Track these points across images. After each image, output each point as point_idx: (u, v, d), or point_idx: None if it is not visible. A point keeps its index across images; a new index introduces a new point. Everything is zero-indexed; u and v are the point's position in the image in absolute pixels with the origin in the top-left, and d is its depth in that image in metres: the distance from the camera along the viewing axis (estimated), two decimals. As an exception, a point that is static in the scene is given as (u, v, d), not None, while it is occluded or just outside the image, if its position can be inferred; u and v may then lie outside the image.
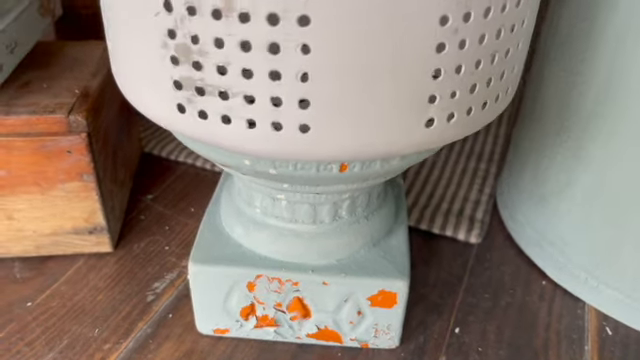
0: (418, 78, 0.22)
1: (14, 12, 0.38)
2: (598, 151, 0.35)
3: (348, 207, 0.33)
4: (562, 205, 0.39)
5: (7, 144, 0.36)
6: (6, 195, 0.38)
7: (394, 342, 0.35)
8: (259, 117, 0.23)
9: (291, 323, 0.34)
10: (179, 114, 0.24)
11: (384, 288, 0.32)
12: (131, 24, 0.24)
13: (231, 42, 0.21)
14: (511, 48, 0.25)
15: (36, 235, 0.40)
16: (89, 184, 0.38)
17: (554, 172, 0.39)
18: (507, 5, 0.23)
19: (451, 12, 0.21)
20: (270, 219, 0.33)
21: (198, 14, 0.21)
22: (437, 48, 0.22)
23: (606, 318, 0.38)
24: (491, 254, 0.43)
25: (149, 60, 0.24)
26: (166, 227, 0.45)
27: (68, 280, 0.39)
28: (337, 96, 0.22)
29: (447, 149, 0.56)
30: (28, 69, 0.40)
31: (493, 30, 0.23)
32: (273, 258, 0.33)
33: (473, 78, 0.24)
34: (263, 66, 0.21)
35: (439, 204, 0.48)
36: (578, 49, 0.35)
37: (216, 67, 0.22)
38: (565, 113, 0.37)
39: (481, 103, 0.25)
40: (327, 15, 0.20)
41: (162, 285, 0.39)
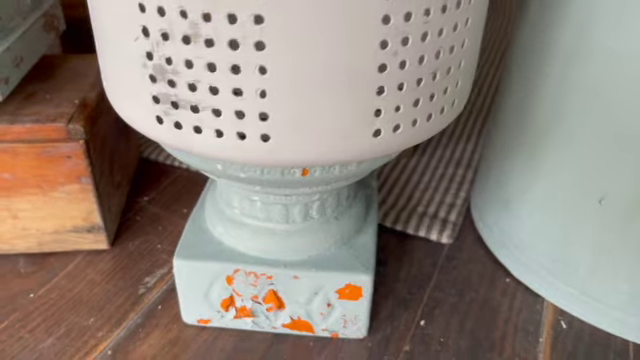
0: (364, 95, 0.26)
1: (20, 30, 0.42)
2: (550, 159, 0.38)
3: (318, 208, 0.36)
4: (522, 209, 0.42)
5: (12, 150, 0.40)
6: (11, 196, 0.42)
7: (362, 332, 0.38)
8: (226, 128, 0.26)
9: (267, 314, 0.38)
10: (158, 125, 0.28)
11: (350, 282, 0.36)
12: (116, 46, 0.27)
13: (199, 64, 0.25)
14: (452, 67, 0.28)
15: (39, 233, 0.44)
16: (87, 186, 0.42)
17: (514, 178, 0.42)
18: (444, 30, 0.26)
19: (390, 37, 0.25)
20: (247, 219, 0.36)
21: (171, 40, 0.24)
22: (379, 69, 0.25)
23: (562, 313, 0.41)
24: (461, 253, 0.46)
25: (131, 78, 0.27)
26: (159, 227, 0.48)
27: (67, 274, 0.43)
28: (292, 110, 0.25)
29: (428, 156, 0.59)
30: (33, 81, 0.44)
31: (432, 52, 0.26)
32: (250, 254, 0.36)
33: (415, 94, 0.27)
34: (227, 84, 0.25)
35: (415, 207, 0.51)
36: (532, 65, 0.38)
37: (187, 85, 0.25)
38: (522, 124, 0.40)
39: (426, 115, 0.28)
40: (280, 41, 0.23)
41: (153, 280, 0.43)
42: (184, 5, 0.23)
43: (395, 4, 0.24)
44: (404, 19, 0.24)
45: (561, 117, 0.37)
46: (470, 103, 0.70)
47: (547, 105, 0.37)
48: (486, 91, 0.73)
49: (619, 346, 0.38)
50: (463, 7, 0.27)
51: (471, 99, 0.71)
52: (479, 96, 0.72)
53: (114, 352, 0.37)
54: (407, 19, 0.25)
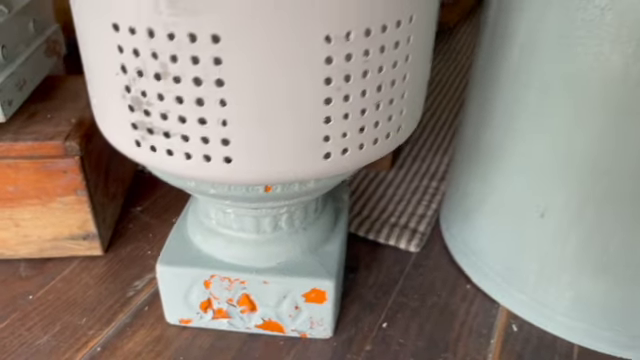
0: (313, 123, 0.29)
1: (24, 55, 0.46)
2: (499, 176, 0.42)
3: (287, 220, 0.40)
4: (479, 221, 0.45)
5: (15, 165, 0.44)
6: (14, 207, 0.46)
7: (327, 333, 0.42)
8: (193, 151, 0.30)
9: (241, 315, 0.41)
10: (137, 148, 0.32)
11: (315, 287, 0.39)
12: (100, 79, 0.31)
13: (169, 97, 0.29)
14: (395, 98, 0.32)
15: (39, 240, 0.48)
16: (82, 198, 0.46)
17: (472, 192, 0.45)
18: (384, 67, 0.30)
19: (333, 75, 0.28)
20: (223, 229, 0.40)
21: (145, 76, 0.28)
22: (325, 101, 0.29)
23: (514, 317, 0.44)
24: (427, 261, 0.50)
25: (114, 107, 0.31)
26: (150, 235, 0.52)
27: (64, 278, 0.47)
28: (250, 136, 0.29)
29: (405, 169, 0.63)
30: (35, 101, 0.48)
31: (373, 86, 0.30)
32: (225, 261, 0.40)
33: (360, 122, 0.31)
34: (193, 114, 0.29)
35: (388, 218, 0.55)
36: (484, 90, 0.42)
37: (160, 114, 0.29)
38: (478, 143, 0.43)
39: (372, 140, 0.32)
40: (237, 79, 0.27)
41: (142, 283, 0.47)
42: (155, 48, 0.27)
43: (336, 47, 0.28)
44: (345, 60, 0.28)
45: (508, 139, 0.40)
46: (447, 119, 0.74)
47: (496, 127, 0.41)
48: (458, 109, 0.77)
49: (564, 348, 0.42)
50: (402, 47, 0.30)
51: (449, 116, 0.75)
52: (451, 113, 0.75)
53: (103, 349, 0.41)
54: (348, 59, 0.28)
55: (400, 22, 0.29)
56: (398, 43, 0.30)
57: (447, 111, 0.76)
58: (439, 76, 0.87)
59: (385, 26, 0.29)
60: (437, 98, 0.80)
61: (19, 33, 0.46)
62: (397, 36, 0.30)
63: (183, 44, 0.27)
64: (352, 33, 0.28)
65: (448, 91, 0.82)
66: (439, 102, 0.79)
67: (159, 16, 0.26)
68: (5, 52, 0.43)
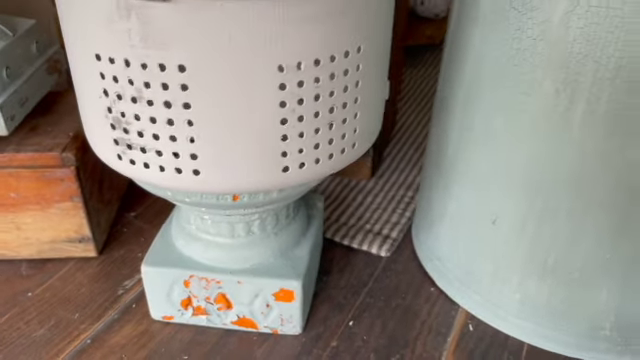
0: (271, 141, 0.33)
1: (27, 74, 0.51)
2: (456, 188, 0.45)
3: (259, 225, 0.44)
4: (441, 229, 0.49)
5: (17, 174, 0.48)
6: (16, 212, 0.50)
7: (297, 329, 0.46)
8: (166, 165, 0.34)
9: (218, 313, 0.45)
10: (119, 161, 0.36)
11: (284, 287, 0.43)
12: (87, 101, 0.35)
13: (144, 117, 0.33)
14: (347, 118, 0.36)
15: (38, 242, 0.52)
16: (77, 204, 0.50)
17: (435, 202, 0.49)
18: (334, 92, 0.34)
19: (287, 99, 0.32)
20: (201, 234, 0.44)
21: (123, 99, 0.33)
22: (281, 122, 0.33)
23: (472, 317, 0.48)
24: (396, 265, 0.53)
25: (98, 125, 0.35)
26: (142, 239, 0.56)
27: (60, 277, 0.51)
28: (215, 152, 0.33)
29: (385, 179, 0.67)
30: (37, 115, 0.53)
31: (325, 108, 0.34)
32: (203, 263, 0.44)
33: (315, 140, 0.35)
34: (165, 133, 0.33)
35: (364, 224, 0.58)
36: (443, 112, 0.46)
37: (137, 132, 0.34)
38: (438, 158, 0.47)
39: (327, 156, 0.36)
40: (202, 103, 0.31)
41: (131, 283, 0.51)
42: (131, 76, 0.31)
43: (288, 76, 0.32)
44: (297, 86, 0.32)
45: (462, 156, 0.44)
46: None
47: (453, 145, 0.45)
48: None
49: (515, 347, 0.45)
50: (351, 74, 0.34)
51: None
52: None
53: (92, 341, 0.45)
54: (300, 86, 0.32)
55: (348, 52, 0.33)
56: (347, 71, 0.34)
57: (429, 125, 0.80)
58: (425, 91, 0.91)
59: (333, 57, 0.33)
60: (422, 112, 0.84)
61: (23, 54, 0.50)
62: (346, 65, 0.34)
63: (154, 73, 0.31)
64: (302, 63, 0.32)
65: (433, 106, 0.86)
66: (423, 116, 0.82)
67: (133, 49, 0.31)
68: (9, 72, 0.48)
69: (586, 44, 0.34)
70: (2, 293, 0.49)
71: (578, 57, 0.34)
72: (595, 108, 0.35)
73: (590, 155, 0.36)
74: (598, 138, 0.36)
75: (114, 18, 0.30)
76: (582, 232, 0.39)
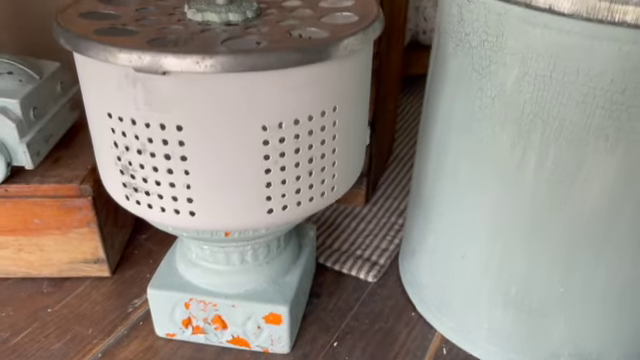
0: (256, 187, 0.38)
1: (51, 112, 0.57)
2: (432, 222, 0.50)
3: (252, 255, 0.49)
4: (421, 259, 0.53)
5: (41, 203, 0.54)
6: (40, 235, 0.56)
7: (285, 349, 0.50)
8: (167, 206, 0.39)
9: (215, 332, 0.50)
10: (126, 201, 0.41)
11: (273, 311, 0.48)
12: (101, 149, 0.41)
13: (148, 167, 0.38)
14: (326, 166, 0.41)
15: (59, 262, 0.58)
16: (93, 230, 0.56)
17: (416, 233, 0.54)
18: (313, 145, 0.39)
19: (270, 152, 0.37)
20: (200, 261, 0.49)
21: (130, 151, 0.38)
22: (265, 171, 0.38)
23: (446, 342, 0.52)
24: (382, 290, 0.58)
25: (109, 169, 0.41)
26: (151, 260, 0.62)
27: (77, 295, 0.57)
28: (208, 196, 0.38)
29: (379, 206, 0.71)
30: (60, 148, 0.59)
31: (305, 159, 0.39)
32: (201, 287, 0.49)
33: (296, 186, 0.40)
34: (165, 180, 0.38)
35: (355, 250, 0.63)
36: (423, 152, 0.50)
37: (142, 178, 0.39)
38: (419, 192, 0.52)
39: (308, 199, 0.41)
40: (196, 157, 0.37)
41: (139, 302, 0.56)
42: (136, 132, 0.37)
43: (271, 133, 0.37)
44: (279, 142, 0.37)
45: (437, 193, 0.48)
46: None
47: (429, 183, 0.49)
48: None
49: (484, 369, 0.49)
50: (328, 129, 0.39)
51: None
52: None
53: (103, 355, 0.51)
54: (282, 142, 0.37)
55: (324, 112, 0.38)
56: (324, 127, 0.39)
57: (427, 151, 0.84)
58: (417, 120, 0.95)
59: (311, 116, 0.38)
60: (415, 142, 0.88)
61: (48, 94, 0.56)
62: (323, 122, 0.39)
63: (156, 131, 0.36)
64: (283, 123, 0.37)
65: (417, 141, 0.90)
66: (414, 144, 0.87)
67: (138, 111, 0.36)
68: (36, 112, 0.54)
69: (535, 106, 0.38)
70: (25, 309, 0.55)
71: (529, 117, 0.39)
72: (544, 161, 0.39)
73: (541, 203, 0.41)
74: (547, 188, 0.40)
75: (123, 86, 0.35)
76: (537, 269, 0.43)
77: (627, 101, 0.35)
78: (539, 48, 0.37)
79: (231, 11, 0.40)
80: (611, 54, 0.34)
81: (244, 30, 0.38)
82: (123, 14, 0.41)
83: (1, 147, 0.51)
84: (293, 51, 0.34)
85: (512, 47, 0.38)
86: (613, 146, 0.37)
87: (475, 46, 0.40)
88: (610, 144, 0.37)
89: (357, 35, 0.37)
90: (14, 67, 0.54)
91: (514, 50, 0.38)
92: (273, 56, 0.34)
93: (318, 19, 0.41)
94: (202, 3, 0.41)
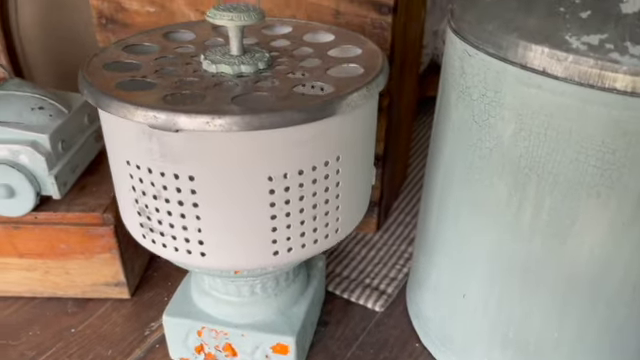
0: (263, 231, 0.41)
1: (78, 144, 0.60)
2: (435, 259, 0.52)
3: (261, 287, 0.51)
4: (426, 292, 0.55)
5: (66, 230, 0.58)
6: (66, 259, 0.60)
7: (292, 377, 0.53)
8: (179, 247, 0.42)
9: (226, 359, 0.53)
10: (143, 239, 0.44)
11: (280, 342, 0.51)
12: (121, 190, 0.44)
13: (162, 210, 0.41)
14: (330, 211, 0.43)
15: (82, 285, 0.61)
16: (115, 256, 0.59)
17: (422, 266, 0.55)
18: (317, 192, 0.41)
19: (276, 200, 0.40)
20: (213, 291, 0.52)
21: (147, 195, 0.41)
22: (271, 217, 0.40)
23: (448, 375, 0.54)
24: (388, 320, 0.60)
25: (128, 209, 0.44)
26: (169, 283, 0.65)
27: (99, 316, 0.60)
28: (218, 240, 0.41)
29: (389, 233, 0.73)
30: (86, 175, 0.62)
31: (309, 205, 0.41)
32: (213, 316, 0.52)
33: (300, 229, 0.42)
34: (178, 223, 0.41)
35: (364, 279, 0.65)
36: (429, 189, 0.52)
37: (157, 220, 0.42)
38: (424, 227, 0.54)
39: (312, 241, 0.43)
40: (207, 204, 0.39)
41: (156, 325, 0.59)
42: (152, 180, 0.40)
43: (277, 183, 0.39)
44: (284, 190, 0.40)
45: (440, 231, 0.50)
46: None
47: (432, 223, 0.51)
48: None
49: (483, 404, 0.51)
50: (331, 177, 0.42)
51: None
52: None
53: (121, 376, 0.54)
54: (286, 190, 0.40)
55: (328, 162, 0.41)
56: (328, 175, 0.41)
57: (441, 176, 0.86)
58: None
59: (315, 166, 0.40)
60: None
61: (76, 127, 0.60)
62: (326, 171, 0.41)
63: (170, 180, 0.39)
64: (288, 174, 0.39)
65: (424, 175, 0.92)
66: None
67: (154, 162, 0.39)
68: (64, 145, 0.57)
69: (530, 160, 0.40)
70: (51, 328, 0.59)
71: (525, 170, 0.40)
72: (539, 213, 0.41)
73: (536, 251, 0.42)
74: (542, 238, 0.41)
75: (140, 138, 0.38)
76: (532, 314, 0.45)
77: (618, 161, 0.37)
78: (534, 106, 0.38)
79: (244, 63, 0.43)
80: (602, 117, 0.36)
81: (255, 84, 0.41)
82: (144, 64, 0.44)
83: (31, 178, 0.54)
84: (297, 111, 0.36)
85: (509, 103, 0.40)
86: (605, 201, 0.38)
87: (475, 99, 0.42)
88: (602, 200, 0.38)
89: (360, 91, 0.39)
90: (45, 102, 0.57)
91: (511, 106, 0.39)
92: (278, 116, 0.36)
93: (325, 71, 0.43)
94: (217, 54, 0.44)
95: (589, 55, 0.35)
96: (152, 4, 0.67)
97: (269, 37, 0.50)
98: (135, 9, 0.67)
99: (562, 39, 0.36)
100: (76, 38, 0.90)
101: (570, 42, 0.35)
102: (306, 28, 0.52)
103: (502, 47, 0.39)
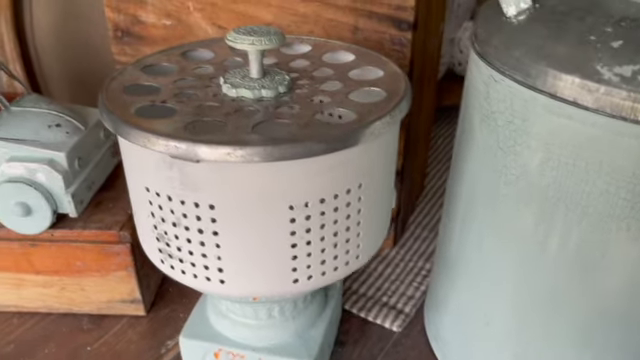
0: (283, 260, 0.40)
1: (95, 160, 0.60)
2: (456, 285, 0.51)
3: (279, 311, 0.51)
4: (445, 315, 0.54)
5: (82, 247, 0.57)
6: (82, 276, 0.59)
7: (309, 400, 0.52)
8: (198, 274, 0.42)
9: (242, 381, 0.53)
10: (162, 264, 0.44)
11: (297, 365, 0.50)
12: (140, 215, 0.43)
13: (182, 238, 0.40)
14: (350, 238, 0.42)
15: (98, 301, 0.61)
16: (131, 273, 0.59)
17: (441, 289, 0.54)
18: (338, 220, 0.40)
19: (297, 229, 0.39)
20: (230, 313, 0.51)
21: (166, 222, 0.40)
22: (292, 246, 0.40)
23: (468, 400, 0.53)
24: (406, 340, 0.59)
25: (146, 234, 0.43)
26: (184, 299, 0.64)
27: (114, 333, 0.60)
28: (238, 268, 0.40)
29: (407, 248, 0.72)
30: (102, 191, 0.62)
31: (330, 233, 0.40)
32: (230, 338, 0.51)
33: (321, 257, 0.41)
34: (198, 251, 0.40)
35: (381, 297, 0.64)
36: (450, 212, 0.51)
37: (176, 247, 0.41)
38: (443, 249, 0.53)
39: (332, 268, 0.43)
40: (227, 232, 0.39)
41: (172, 342, 0.59)
42: (172, 207, 0.39)
43: (298, 212, 0.38)
44: (305, 219, 0.39)
45: (461, 258, 0.49)
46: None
47: (453, 247, 0.50)
48: (476, 186, 0.85)
49: None
50: (353, 205, 0.41)
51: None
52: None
53: (137, 397, 0.53)
54: (307, 219, 0.39)
55: (350, 190, 0.40)
56: (349, 203, 0.40)
57: (458, 189, 0.85)
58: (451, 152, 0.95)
59: (337, 195, 0.39)
60: (446, 174, 0.88)
61: (92, 143, 0.59)
62: (348, 199, 0.40)
63: (190, 208, 0.38)
64: (310, 202, 0.39)
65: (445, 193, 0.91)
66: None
67: (174, 190, 0.38)
68: (80, 162, 0.57)
69: (558, 190, 0.39)
70: (66, 346, 0.58)
71: (552, 200, 0.39)
72: (567, 243, 0.40)
73: (562, 282, 0.41)
74: (569, 269, 0.40)
75: (160, 167, 0.38)
76: (558, 346, 0.44)
77: (649, 195, 0.36)
78: (563, 136, 0.37)
79: (264, 87, 0.42)
80: (633, 150, 0.35)
81: (275, 109, 0.40)
82: (163, 87, 0.43)
83: (48, 197, 0.54)
84: (318, 142, 0.35)
85: (537, 132, 0.39)
86: (635, 235, 0.37)
87: (501, 125, 0.41)
88: (632, 233, 0.37)
89: (383, 119, 0.38)
90: (62, 119, 0.57)
91: (539, 135, 0.39)
92: (300, 147, 0.35)
93: (346, 95, 0.42)
94: (237, 76, 0.43)
95: (621, 87, 0.34)
96: (168, 17, 0.66)
97: (288, 57, 0.50)
98: (151, 22, 0.67)
99: (593, 69, 0.35)
100: (92, 48, 0.90)
101: (602, 73, 0.34)
102: (325, 47, 0.51)
103: (530, 75, 0.38)
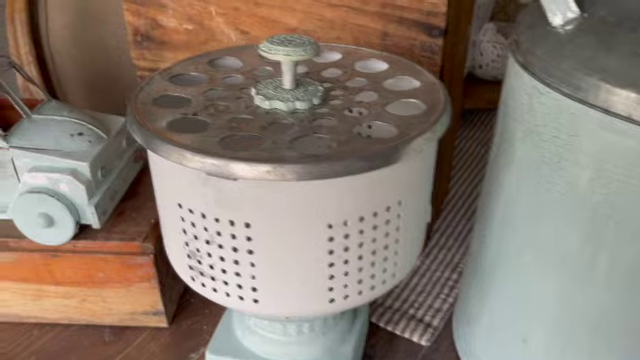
0: (320, 279, 0.39)
1: (117, 168, 0.58)
2: (490, 299, 0.49)
3: (309, 327, 0.49)
4: (477, 330, 0.53)
5: (105, 258, 0.56)
6: (103, 288, 0.58)
7: (338, 418, 0.51)
8: (231, 292, 0.40)
9: (270, 398, 0.51)
10: (192, 282, 0.42)
11: (327, 383, 0.49)
12: (170, 232, 0.42)
13: (215, 256, 0.39)
14: (388, 256, 0.41)
15: (120, 313, 0.60)
16: (154, 285, 0.57)
17: (472, 304, 0.53)
18: (377, 238, 0.39)
19: (335, 247, 0.38)
20: (259, 329, 0.50)
21: (198, 240, 0.39)
22: (329, 265, 0.38)
23: (502, 419, 0.51)
24: (434, 355, 0.57)
25: (177, 250, 0.42)
26: (207, 310, 0.63)
27: (137, 345, 0.59)
28: (272, 287, 0.39)
29: (432, 257, 0.71)
30: (124, 199, 0.61)
31: (368, 251, 0.39)
32: (258, 355, 0.50)
33: (358, 276, 0.40)
34: (231, 269, 0.39)
35: (408, 309, 0.63)
36: (481, 227, 0.49)
37: (208, 265, 0.40)
38: (477, 263, 0.51)
39: (369, 287, 0.41)
40: (263, 250, 0.37)
41: (196, 356, 0.58)
42: (205, 225, 0.38)
43: (336, 230, 0.37)
44: (344, 237, 0.38)
45: (496, 274, 0.48)
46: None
47: (488, 261, 0.49)
48: (501, 192, 0.83)
49: None
50: (392, 222, 0.39)
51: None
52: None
53: (162, 413, 0.52)
54: (346, 237, 0.38)
55: (389, 207, 0.38)
56: (389, 221, 0.39)
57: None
58: (480, 155, 0.94)
59: (376, 212, 0.38)
60: (475, 179, 0.87)
61: (115, 151, 0.58)
62: (387, 216, 0.39)
63: (225, 226, 0.37)
64: (349, 221, 0.37)
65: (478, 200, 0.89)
66: (476, 184, 0.85)
67: (208, 207, 0.37)
68: (103, 172, 0.55)
69: (609, 208, 0.37)
70: (88, 358, 0.57)
71: (602, 218, 0.38)
72: (617, 264, 0.38)
73: (612, 303, 0.39)
74: (620, 290, 0.39)
75: (194, 184, 0.36)
76: (603, 368, 0.42)
77: None
78: (616, 153, 0.35)
79: (298, 99, 0.40)
80: (694, 169, 0.33)
81: (311, 123, 0.39)
82: (193, 98, 0.42)
83: (71, 208, 0.53)
84: (360, 159, 0.34)
85: (587, 148, 0.37)
86: (692, 256, 0.36)
87: (546, 140, 0.39)
88: (689, 255, 0.36)
89: (425, 135, 0.37)
90: (84, 127, 0.56)
91: (589, 151, 0.37)
92: (341, 165, 0.34)
93: (383, 107, 0.41)
94: (269, 87, 0.42)
95: (682, 103, 0.32)
96: (190, 21, 0.65)
97: (319, 65, 0.48)
98: (172, 26, 0.66)
99: (651, 84, 0.33)
100: (107, 50, 0.88)
101: (661, 88, 0.33)
102: (356, 55, 0.50)
103: (581, 89, 0.36)
